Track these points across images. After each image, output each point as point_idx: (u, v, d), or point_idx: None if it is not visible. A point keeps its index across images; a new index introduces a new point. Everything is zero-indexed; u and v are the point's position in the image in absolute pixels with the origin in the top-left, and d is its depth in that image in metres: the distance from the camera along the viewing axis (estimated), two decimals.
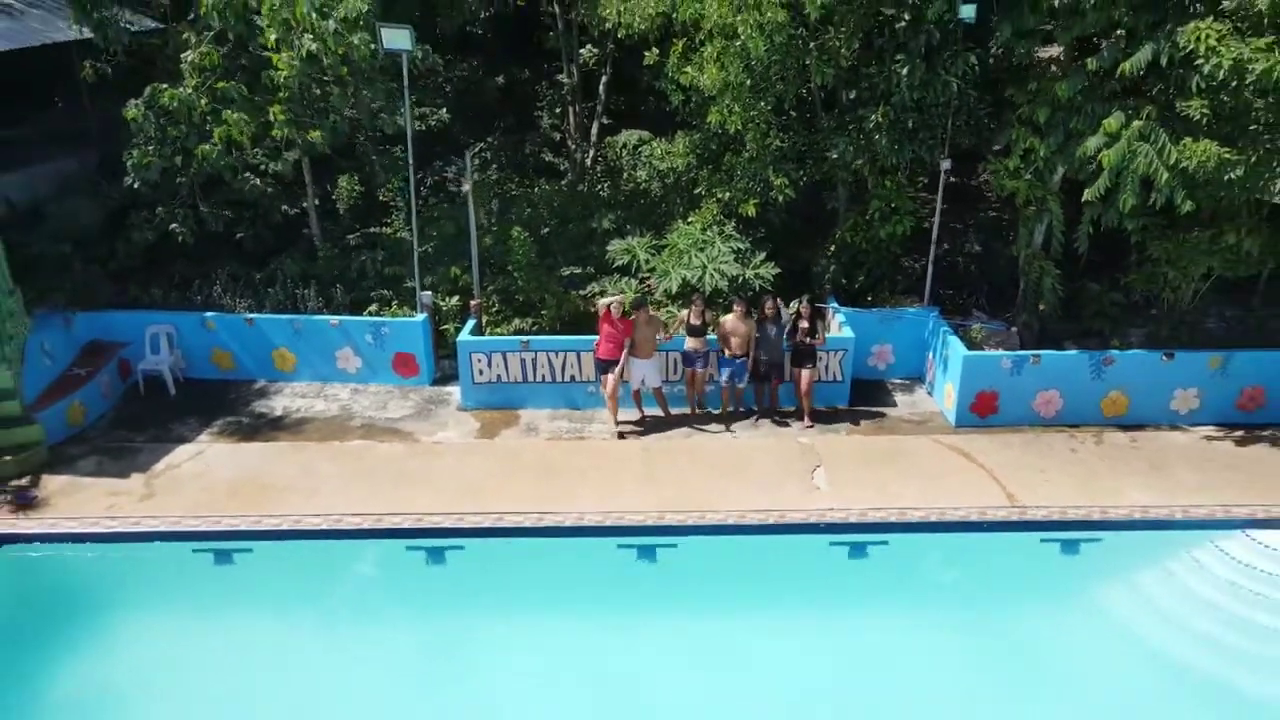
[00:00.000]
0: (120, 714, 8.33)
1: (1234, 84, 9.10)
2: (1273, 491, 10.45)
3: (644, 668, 8.79)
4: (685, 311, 11.82)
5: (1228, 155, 9.37)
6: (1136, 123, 9.88)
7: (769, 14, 10.89)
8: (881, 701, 8.40)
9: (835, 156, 12.35)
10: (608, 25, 13.77)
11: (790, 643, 9.05)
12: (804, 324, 11.68)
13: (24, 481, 10.70)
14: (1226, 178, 9.52)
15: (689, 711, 8.32)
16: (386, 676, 8.69)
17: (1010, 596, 9.70)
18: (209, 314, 13.02)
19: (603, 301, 11.62)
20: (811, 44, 11.43)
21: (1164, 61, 9.58)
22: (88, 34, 13.17)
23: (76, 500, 10.47)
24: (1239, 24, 9.11)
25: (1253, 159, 9.40)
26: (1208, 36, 9.02)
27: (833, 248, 13.53)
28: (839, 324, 12.74)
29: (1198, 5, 9.48)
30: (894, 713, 8.31)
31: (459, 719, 8.30)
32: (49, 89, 15.97)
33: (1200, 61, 9.17)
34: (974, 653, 9.06)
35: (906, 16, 11.38)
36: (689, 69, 12.26)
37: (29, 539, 9.86)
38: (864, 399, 12.76)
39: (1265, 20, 8.91)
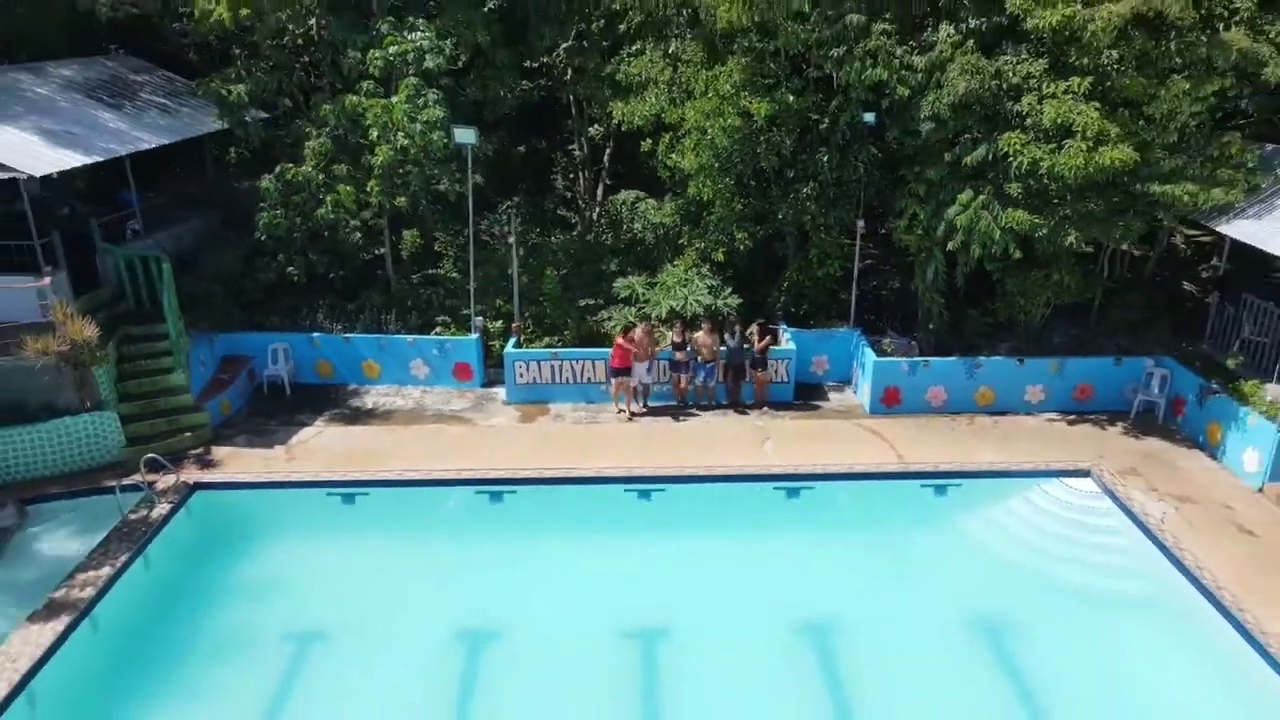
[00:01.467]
0: (279, 599, 12.46)
1: (1033, 173, 13.68)
2: (1083, 454, 14.84)
3: (641, 568, 13.07)
4: (670, 332, 16.27)
5: (1036, 220, 13.92)
6: (980, 197, 14.45)
7: (730, 119, 15.47)
8: (807, 589, 12.65)
9: (781, 217, 16.88)
10: (613, 121, 18.32)
11: (743, 552, 13.35)
12: (756, 339, 16.13)
13: (201, 450, 14.97)
14: (1037, 235, 14.06)
15: (671, 589, 12.60)
16: (464, 575, 12.94)
17: (896, 521, 14.01)
18: (315, 334, 17.40)
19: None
20: (761, 139, 15.98)
21: (992, 157, 14.18)
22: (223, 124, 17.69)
23: (240, 463, 14.76)
24: (1035, 134, 13.69)
25: (1051, 222, 13.95)
26: (1013, 143, 13.63)
27: (783, 284, 18.00)
28: (786, 340, 17.19)
29: (1012, 120, 14.08)
30: (816, 596, 12.53)
31: (510, 599, 12.45)
32: (180, 164, 20.37)
33: (1012, 159, 13.77)
34: (871, 559, 13.37)
35: (826, 120, 15.99)
36: (674, 155, 16.80)
37: (214, 486, 14.13)
38: (805, 395, 17.17)
39: (1049, 132, 13.50)
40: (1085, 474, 14.39)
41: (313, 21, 17.21)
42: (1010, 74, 13.87)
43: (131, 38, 20.11)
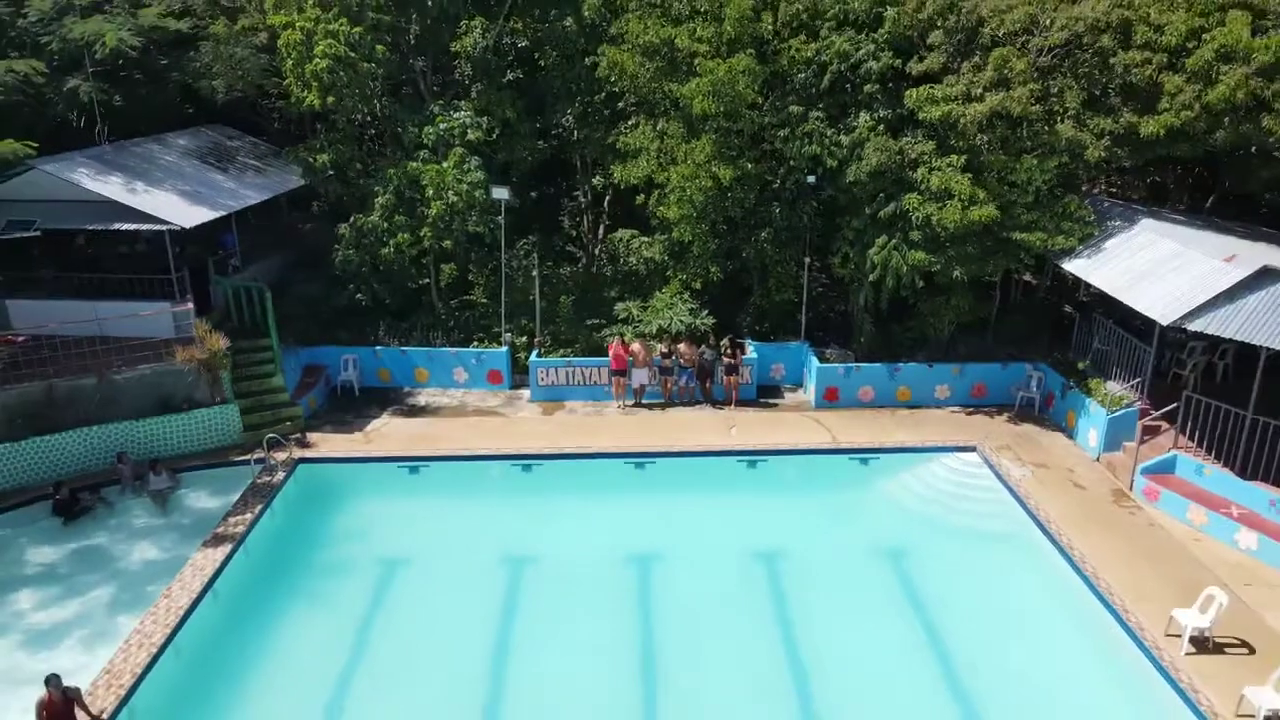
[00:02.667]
0: (364, 540, 16.89)
1: (928, 224, 18.45)
2: (973, 436, 19.50)
3: (636, 518, 17.63)
4: (659, 345, 20.93)
5: (931, 259, 18.68)
6: (891, 241, 19.22)
7: (704, 181, 20.19)
8: (759, 531, 17.19)
9: (745, 255, 21.61)
10: (613, 178, 23.01)
11: (712, 507, 17.92)
12: (726, 351, 20.83)
13: (298, 435, 19.51)
14: (933, 271, 18.83)
15: (658, 532, 17.16)
16: (502, 522, 17.48)
17: (829, 484, 18.60)
18: (377, 347, 22.00)
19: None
20: (728, 195, 20.68)
21: (899, 212, 18.97)
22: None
23: (329, 445, 19.31)
24: (927, 196, 18.47)
25: (942, 261, 18.72)
26: (912, 202, 18.43)
27: (749, 307, 22.69)
28: (750, 351, 21.85)
29: (911, 184, 18.86)
30: (766, 535, 17.06)
31: (538, 540, 16.94)
32: (263, 212, 24.86)
33: (912, 213, 18.56)
34: (807, 513, 17.95)
35: (778, 181, 20.78)
36: (661, 207, 21.50)
37: (314, 460, 18.68)
38: (765, 395, 21.82)
39: (936, 194, 18.27)
40: (972, 449, 19.07)
41: (378, 103, 21.93)
42: (909, 151, 18.69)
43: (228, 112, 24.72)
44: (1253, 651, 12.75)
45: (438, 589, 15.56)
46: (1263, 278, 14.85)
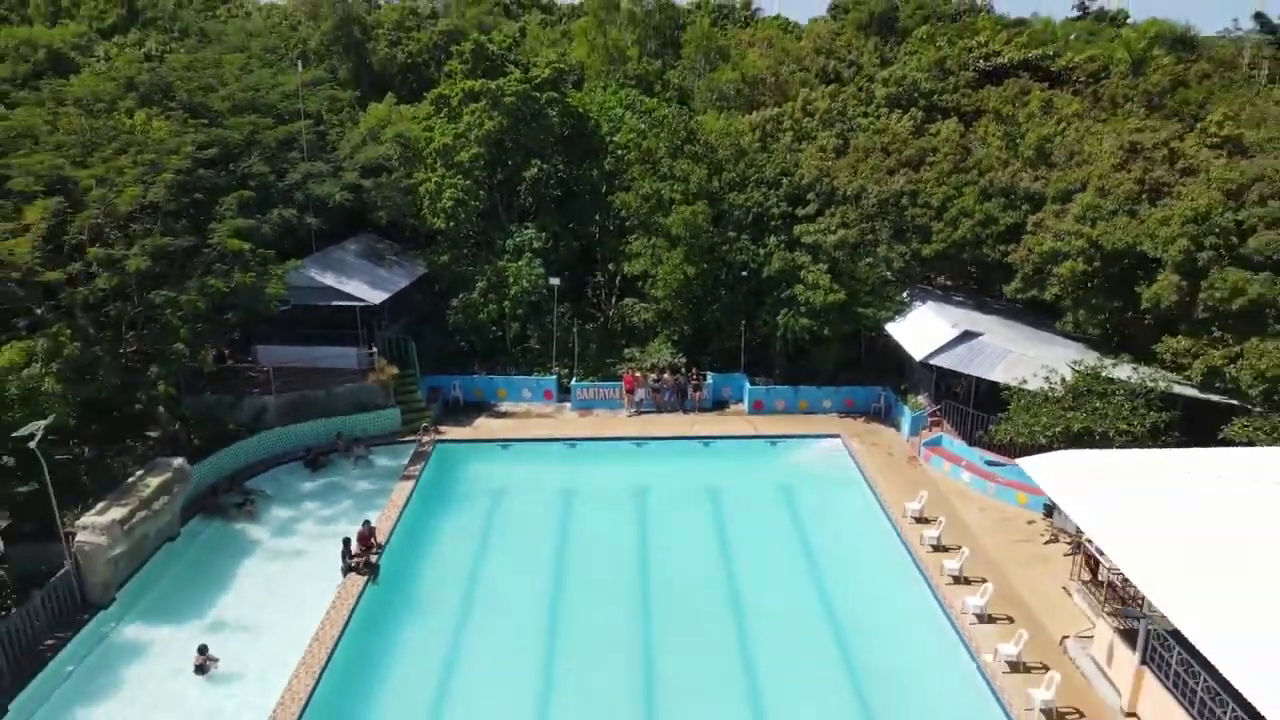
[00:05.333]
0: (478, 485, 29.75)
1: (808, 303, 31.54)
2: (840, 429, 32.40)
3: (636, 472, 30.53)
4: (653, 375, 33.97)
5: (810, 323, 31.73)
6: (789, 311, 32.30)
7: (679, 274, 33.30)
8: (708, 479, 30.04)
9: (705, 319, 34.71)
10: (622, 270, 36.12)
11: (681, 467, 30.82)
12: (695, 375, 33.90)
13: (432, 428, 32.41)
14: (813, 331, 31.91)
15: (649, 482, 30.03)
16: (557, 475, 30.35)
17: (750, 455, 31.49)
18: (474, 375, 35.02)
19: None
20: (695, 283, 33.68)
21: (792, 295, 32.09)
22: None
23: (452, 433, 32.26)
24: (807, 286, 31.55)
25: (816, 324, 31.84)
26: (800, 289, 31.54)
27: (710, 350, 35.68)
28: (709, 379, 34.82)
29: (800, 279, 31.96)
30: (711, 481, 29.90)
31: (578, 485, 29.75)
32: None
33: (799, 296, 31.68)
34: (736, 470, 30.82)
35: (724, 275, 33.91)
36: (653, 289, 34.55)
37: (445, 441, 31.63)
38: (718, 406, 34.76)
39: (811, 286, 31.34)
40: (837, 436, 31.97)
41: (476, 223, 35.23)
42: (797, 260, 31.89)
43: (375, 226, 37.74)
44: (939, 521, 25.43)
45: (522, 507, 28.41)
46: (965, 337, 27.97)
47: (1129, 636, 18.06)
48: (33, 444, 19.95)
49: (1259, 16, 70.93)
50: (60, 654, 19.89)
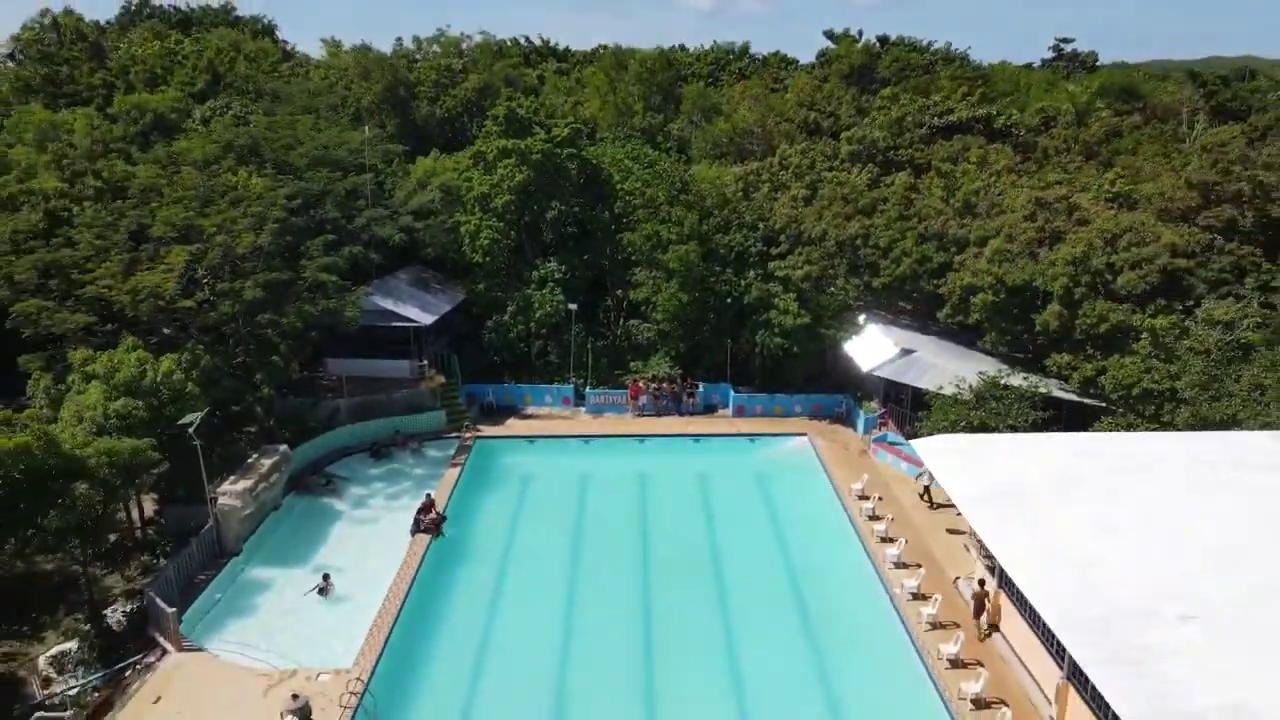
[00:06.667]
0: (510, 472, 36.78)
1: (780, 325, 38.52)
2: (807, 429, 39.34)
3: (639, 462, 37.52)
4: (653, 384, 40.97)
5: (784, 342, 38.71)
6: (764, 332, 39.31)
7: (675, 302, 40.34)
8: (699, 466, 37.02)
9: (697, 339, 41.75)
10: (629, 296, 43.19)
11: (676, 457, 37.81)
12: (688, 384, 40.91)
13: (471, 427, 39.46)
14: (785, 349, 38.89)
15: (650, 468, 37.02)
16: (576, 463, 37.36)
17: (732, 449, 38.43)
18: (505, 384, 42.11)
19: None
20: (689, 308, 40.72)
21: (768, 320, 39.12)
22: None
23: (488, 431, 39.34)
24: (779, 312, 38.51)
25: (788, 343, 38.79)
26: (774, 314, 38.53)
27: (702, 364, 42.67)
28: (700, 387, 41.84)
29: (774, 306, 38.96)
30: (701, 467, 36.89)
31: (593, 470, 36.75)
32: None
33: (773, 319, 38.67)
34: (721, 460, 37.78)
35: (713, 302, 40.95)
36: (655, 313, 41.60)
37: (483, 437, 38.70)
38: (707, 410, 41.75)
39: (783, 312, 38.31)
40: (804, 435, 38.90)
41: (506, 257, 42.39)
42: (772, 290, 38.90)
43: (423, 259, 44.92)
44: (882, 498, 32.24)
45: (546, 488, 35.41)
46: (903, 354, 34.94)
47: (993, 571, 24.87)
48: (191, 430, 27.06)
49: (1057, 47, 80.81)
50: (210, 585, 26.91)
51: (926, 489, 32.15)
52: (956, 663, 23.20)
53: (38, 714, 21.03)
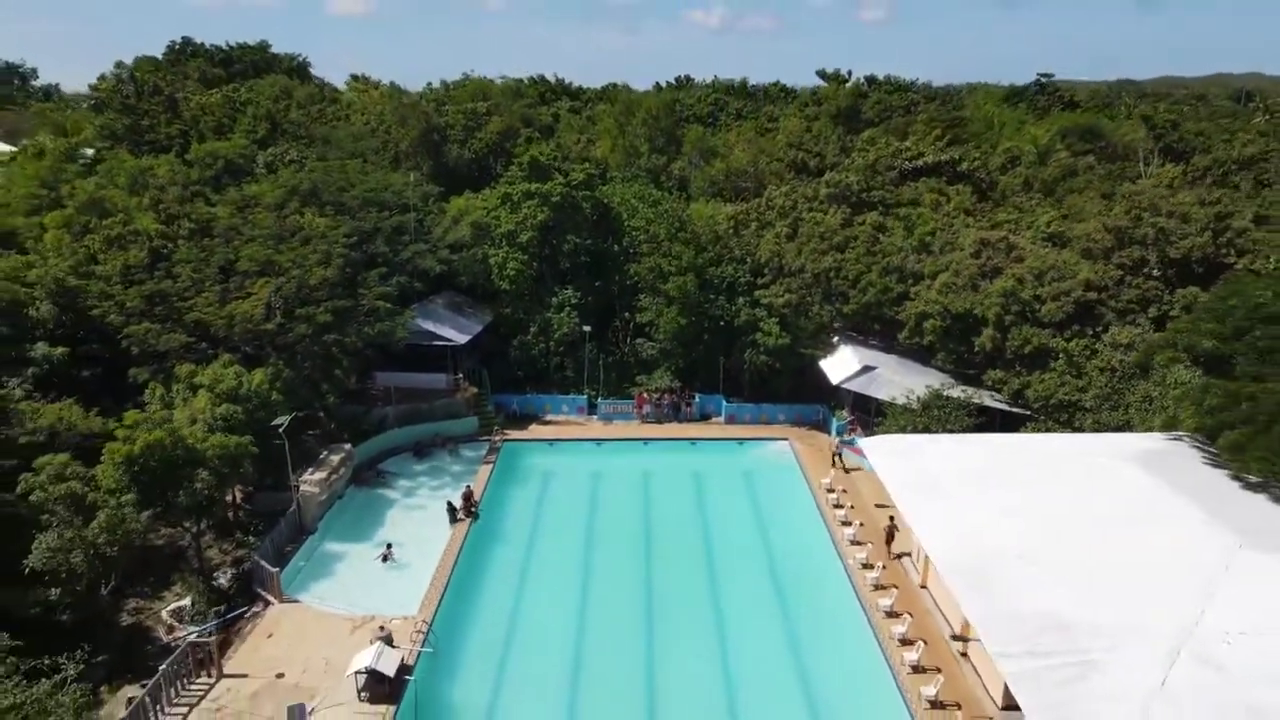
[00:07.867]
0: (533, 470, 43.23)
1: (765, 344, 44.92)
2: (788, 434, 45.67)
3: (643, 461, 43.92)
4: (656, 395, 47.41)
5: (767, 359, 45.11)
6: (750, 350, 45.71)
7: (675, 323, 46.77)
8: (694, 464, 43.40)
9: (694, 357, 48.17)
10: (635, 318, 49.64)
11: (675, 457, 44.19)
12: (686, 395, 47.36)
13: (499, 431, 45.94)
14: (768, 365, 45.28)
15: (652, 466, 43.42)
16: (590, 463, 43.78)
17: (723, 450, 44.79)
18: (528, 394, 48.60)
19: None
20: (686, 329, 47.09)
21: (754, 340, 45.53)
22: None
23: (514, 435, 45.82)
24: (764, 333, 44.88)
25: (773, 359, 45.11)
26: (759, 335, 44.94)
27: (698, 377, 49.06)
28: (697, 397, 48.25)
29: (760, 328, 45.33)
30: (696, 465, 43.27)
31: (604, 468, 43.11)
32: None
33: (759, 339, 45.09)
34: (713, 460, 44.14)
35: (708, 324, 47.36)
36: (658, 333, 48.04)
37: (510, 440, 45.19)
38: (703, 418, 48.15)
39: (767, 333, 44.68)
40: (785, 440, 45.24)
41: (530, 284, 48.94)
42: (756, 315, 45.31)
43: (456, 286, 51.48)
44: (845, 490, 38.50)
45: (565, 483, 41.81)
46: (865, 369, 41.30)
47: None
48: (281, 429, 33.58)
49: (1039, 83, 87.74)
50: (295, 556, 33.38)
51: (836, 454, 40.31)
52: (891, 614, 29.48)
53: (191, 638, 27.37)
